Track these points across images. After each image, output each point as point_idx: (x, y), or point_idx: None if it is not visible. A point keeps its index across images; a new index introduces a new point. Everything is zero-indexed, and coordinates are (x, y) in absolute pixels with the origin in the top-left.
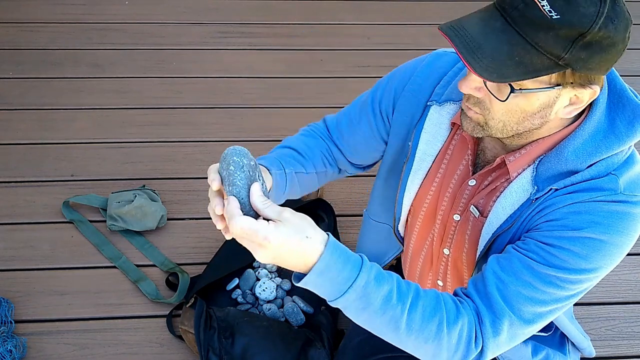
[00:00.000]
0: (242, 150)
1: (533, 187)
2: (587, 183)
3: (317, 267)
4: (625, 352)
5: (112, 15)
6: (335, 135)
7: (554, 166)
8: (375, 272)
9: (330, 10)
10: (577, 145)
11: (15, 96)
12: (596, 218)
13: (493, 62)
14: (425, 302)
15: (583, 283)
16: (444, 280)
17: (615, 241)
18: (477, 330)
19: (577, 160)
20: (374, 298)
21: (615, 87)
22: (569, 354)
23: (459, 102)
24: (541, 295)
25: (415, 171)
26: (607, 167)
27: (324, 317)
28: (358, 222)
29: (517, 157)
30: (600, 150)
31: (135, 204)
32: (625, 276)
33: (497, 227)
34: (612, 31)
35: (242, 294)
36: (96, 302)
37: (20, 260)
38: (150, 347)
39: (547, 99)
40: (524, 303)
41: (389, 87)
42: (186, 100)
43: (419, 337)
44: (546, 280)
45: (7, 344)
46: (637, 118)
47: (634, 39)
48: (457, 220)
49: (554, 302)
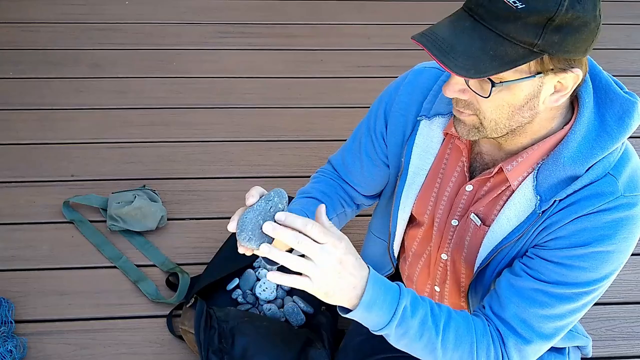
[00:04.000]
0: (282, 194)
1: (536, 197)
2: (587, 189)
3: (364, 300)
4: (625, 352)
5: (112, 15)
6: (343, 173)
7: (554, 173)
8: (411, 298)
9: (330, 10)
10: (573, 149)
11: (15, 96)
12: (601, 231)
13: (468, 60)
14: (457, 322)
15: (597, 290)
16: (441, 287)
17: (620, 248)
18: (503, 351)
19: (574, 165)
20: (411, 324)
21: (601, 82)
22: (569, 354)
23: (447, 115)
24: (559, 311)
25: (409, 185)
26: (604, 167)
27: (324, 317)
28: (358, 222)
29: (514, 166)
30: (596, 151)
31: (135, 204)
32: (625, 276)
33: (501, 238)
34: (581, 11)
35: (242, 294)
36: (96, 302)
37: (20, 260)
38: (150, 347)
39: (532, 89)
40: (543, 322)
41: (379, 111)
42: (186, 100)
43: (454, 356)
44: (561, 298)
45: (7, 344)
46: (626, 113)
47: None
48: (455, 225)
49: (572, 313)
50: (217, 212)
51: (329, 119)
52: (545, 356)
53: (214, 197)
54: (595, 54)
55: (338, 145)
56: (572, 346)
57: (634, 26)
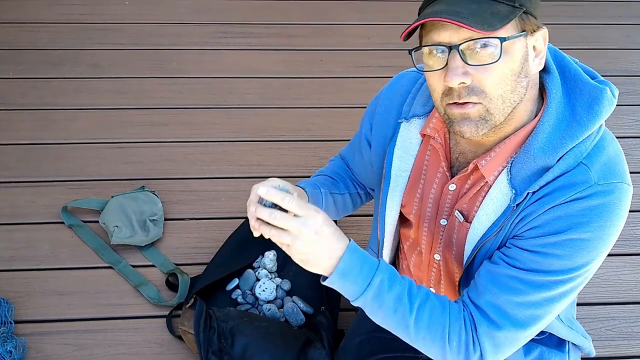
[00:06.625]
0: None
1: (512, 191)
2: (560, 180)
3: (338, 269)
4: (625, 352)
5: (112, 15)
6: (350, 166)
7: (526, 166)
8: (389, 274)
9: (330, 10)
10: (542, 140)
11: (15, 96)
12: (575, 219)
13: (476, 18)
14: (432, 304)
15: (574, 280)
16: (436, 287)
17: (597, 236)
18: (474, 337)
19: (545, 156)
20: (387, 297)
21: (570, 72)
22: (569, 352)
23: (423, 116)
24: (533, 298)
25: (393, 188)
26: (575, 157)
27: (323, 317)
28: (358, 222)
29: (488, 161)
30: (566, 141)
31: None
32: (625, 276)
33: (481, 234)
34: None
35: (242, 294)
36: (96, 303)
37: (20, 260)
38: (150, 347)
39: (523, 50)
40: (517, 309)
41: (368, 116)
42: (186, 100)
43: (427, 336)
44: (536, 285)
45: (7, 344)
46: (595, 100)
47: (633, 39)
48: (444, 225)
49: (548, 302)
50: (217, 212)
51: (328, 119)
52: (545, 353)
53: (213, 197)
54: (595, 54)
55: (338, 145)
56: (572, 343)
57: (634, 26)
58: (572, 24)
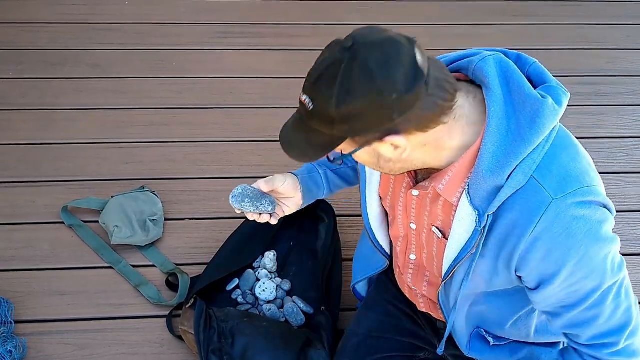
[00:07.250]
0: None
1: (474, 212)
2: (514, 200)
3: None
4: None
5: (112, 15)
6: None
7: (480, 187)
8: None
9: (330, 10)
10: (488, 159)
11: (15, 96)
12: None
13: (300, 150)
14: None
15: (617, 283)
16: (417, 286)
17: (591, 244)
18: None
19: (494, 176)
20: None
21: (514, 83)
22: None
23: None
24: (606, 311)
25: (369, 185)
26: (524, 172)
27: (323, 317)
28: (358, 222)
29: (444, 184)
30: (511, 158)
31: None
32: None
33: (457, 252)
34: (353, 102)
35: (242, 295)
36: (96, 303)
37: (20, 260)
38: (150, 347)
39: (372, 154)
40: (607, 324)
41: None
42: (186, 100)
43: None
44: (596, 305)
45: (7, 344)
46: (536, 113)
47: (633, 39)
48: (414, 229)
49: (617, 303)
50: (217, 212)
51: None
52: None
53: (213, 197)
54: (595, 54)
55: None
56: None
57: (634, 26)
58: (572, 24)
